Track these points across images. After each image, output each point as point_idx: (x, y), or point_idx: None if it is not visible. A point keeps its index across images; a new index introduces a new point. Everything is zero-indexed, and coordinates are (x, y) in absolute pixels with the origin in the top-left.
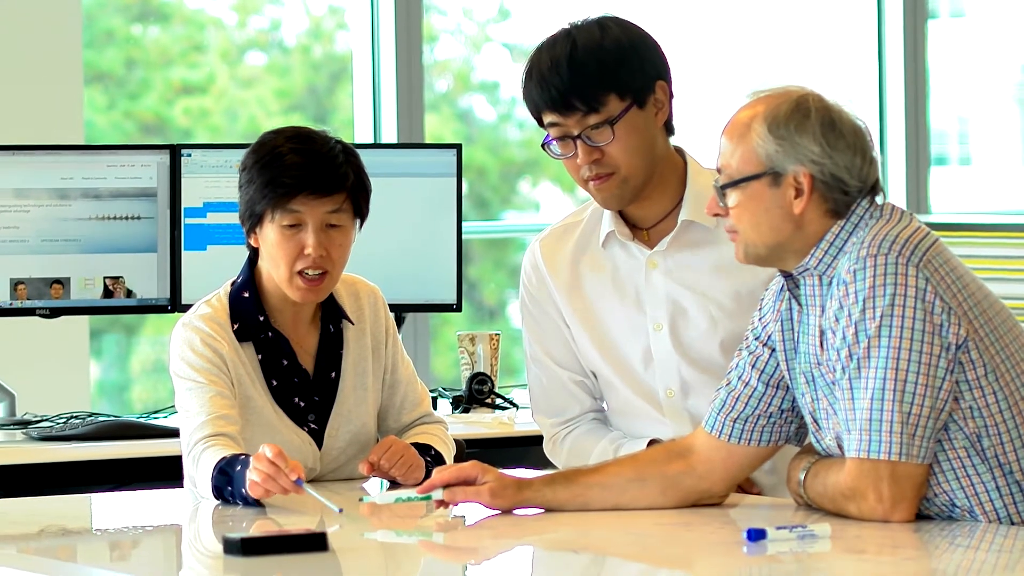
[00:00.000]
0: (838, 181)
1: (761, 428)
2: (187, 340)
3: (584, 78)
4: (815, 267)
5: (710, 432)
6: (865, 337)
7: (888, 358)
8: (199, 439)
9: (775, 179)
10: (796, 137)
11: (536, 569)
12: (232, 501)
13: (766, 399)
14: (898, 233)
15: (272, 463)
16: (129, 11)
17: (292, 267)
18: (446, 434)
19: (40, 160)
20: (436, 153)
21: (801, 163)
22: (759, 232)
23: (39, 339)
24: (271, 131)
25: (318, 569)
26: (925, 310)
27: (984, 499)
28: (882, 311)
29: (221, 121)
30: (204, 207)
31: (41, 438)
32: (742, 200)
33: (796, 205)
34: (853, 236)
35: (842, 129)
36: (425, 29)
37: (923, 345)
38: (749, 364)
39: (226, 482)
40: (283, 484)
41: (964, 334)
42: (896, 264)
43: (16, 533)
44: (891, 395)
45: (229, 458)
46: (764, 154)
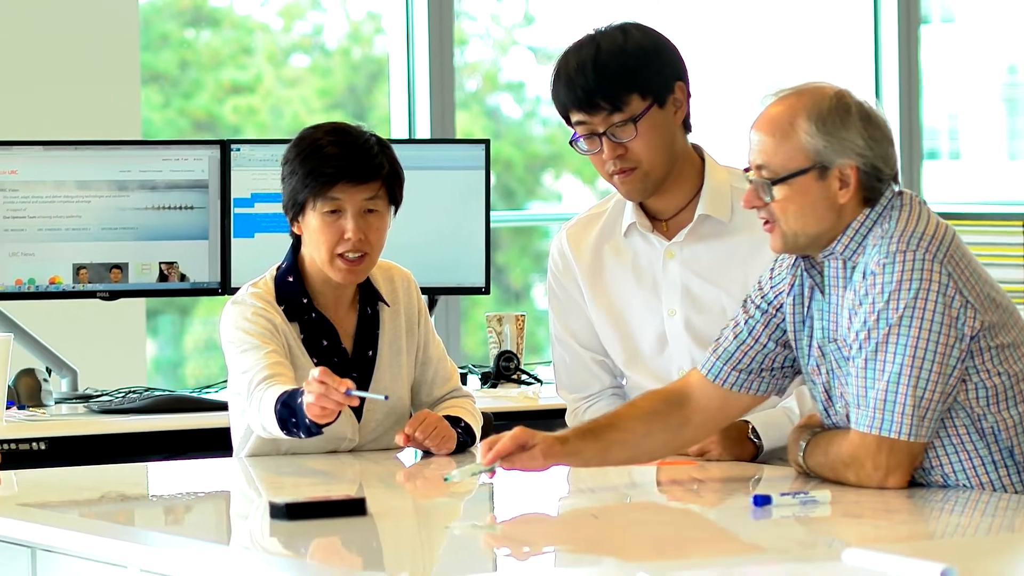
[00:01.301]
0: (877, 171)
1: (762, 380)
2: (240, 313)
3: (609, 79)
4: (841, 252)
5: (713, 380)
6: (887, 324)
7: (907, 346)
8: (259, 381)
9: (822, 172)
10: (842, 132)
11: (556, 532)
12: (296, 432)
13: (771, 355)
14: (924, 229)
15: (321, 382)
16: (183, 16)
17: (333, 251)
18: (474, 407)
19: (101, 154)
20: (466, 148)
21: (847, 156)
22: (804, 223)
23: (99, 320)
24: (310, 127)
25: (356, 531)
26: (945, 304)
27: (980, 472)
28: (906, 303)
29: (267, 118)
30: (252, 198)
31: (101, 411)
32: (789, 194)
33: (842, 196)
34: (877, 226)
35: (877, 121)
36: (456, 33)
37: (940, 336)
38: (762, 323)
39: (289, 414)
40: (335, 398)
41: (978, 326)
42: (923, 260)
43: (79, 499)
44: (907, 380)
45: (291, 391)
46: (813, 149)
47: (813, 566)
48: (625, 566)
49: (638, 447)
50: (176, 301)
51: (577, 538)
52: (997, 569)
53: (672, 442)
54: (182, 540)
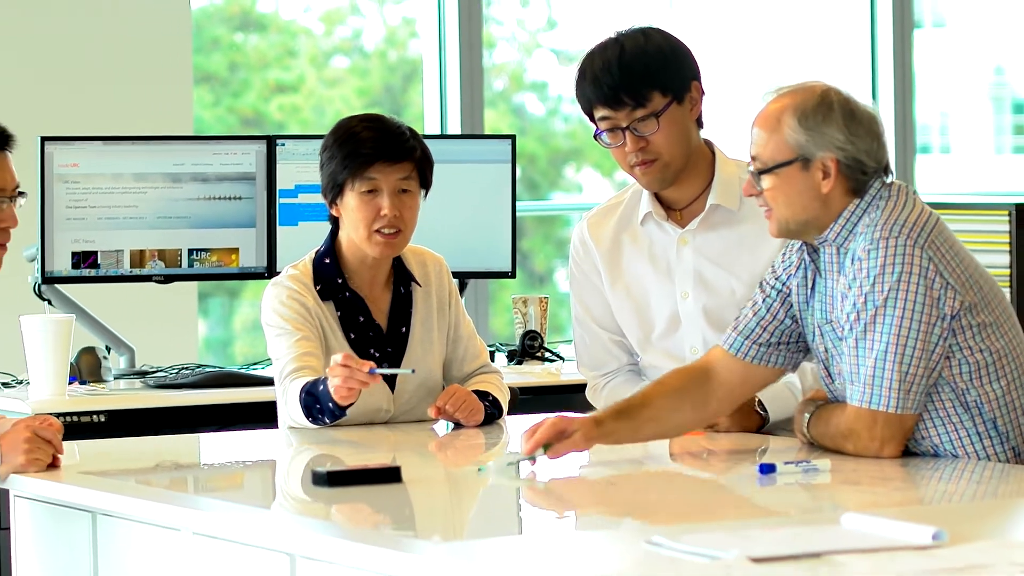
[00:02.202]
0: (859, 163)
1: (779, 353)
2: (276, 295)
3: (633, 77)
4: (833, 239)
5: (735, 354)
6: (873, 306)
7: (892, 325)
8: (286, 374)
9: (805, 164)
10: (823, 127)
11: (576, 498)
12: (322, 419)
13: (788, 330)
14: (907, 217)
15: (344, 365)
16: (232, 21)
17: (371, 227)
18: (502, 382)
19: (156, 149)
20: (494, 143)
21: (828, 149)
22: (792, 210)
23: (155, 302)
24: (345, 117)
25: (392, 497)
26: (927, 286)
27: (966, 443)
28: (890, 285)
29: (310, 116)
30: (296, 189)
31: (156, 386)
32: (776, 183)
33: (824, 186)
34: (866, 215)
35: (860, 118)
36: (484, 37)
37: (922, 316)
38: (778, 301)
39: (313, 401)
40: (360, 378)
41: (958, 305)
42: (905, 246)
43: (135, 467)
44: (892, 357)
45: (312, 380)
46: (795, 143)
47: (814, 529)
48: (641, 529)
49: (667, 423)
50: (225, 284)
51: (596, 504)
52: (983, 531)
53: (698, 416)
54: (231, 505)
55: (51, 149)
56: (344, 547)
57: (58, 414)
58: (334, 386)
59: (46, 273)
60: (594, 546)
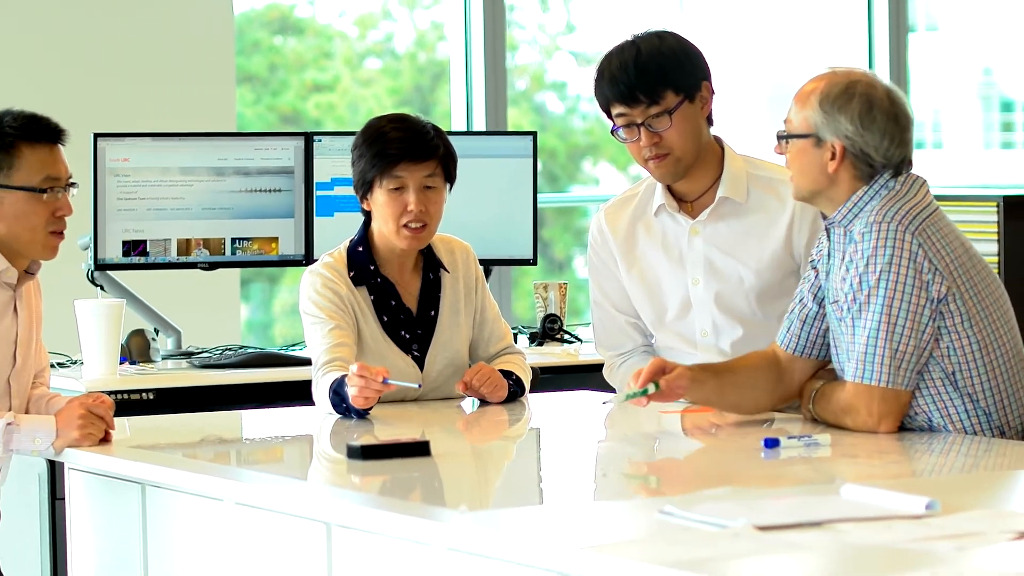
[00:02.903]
0: (865, 155)
1: (824, 345)
2: (311, 283)
3: (647, 77)
4: (840, 221)
5: (785, 349)
6: (866, 287)
7: (883, 305)
8: (319, 366)
9: (817, 142)
10: (837, 115)
11: (599, 467)
12: (348, 415)
13: (819, 318)
14: (903, 205)
15: (360, 376)
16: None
17: (399, 222)
18: (524, 362)
19: (201, 144)
20: (516, 139)
21: (837, 135)
22: (804, 178)
23: (200, 287)
24: (375, 117)
25: (422, 470)
26: (916, 269)
27: (956, 419)
28: (881, 267)
29: (345, 114)
30: (332, 182)
31: (201, 366)
32: (794, 151)
33: (830, 166)
34: (869, 204)
35: (876, 115)
36: (508, 40)
37: (912, 296)
38: (807, 288)
39: (339, 401)
40: (374, 387)
41: (945, 290)
42: (896, 231)
43: (182, 442)
44: (884, 335)
45: (340, 379)
46: (813, 122)
47: (816, 499)
48: (654, 499)
49: (744, 395)
50: (266, 271)
51: (612, 475)
52: (972, 501)
53: (769, 397)
54: (271, 477)
55: (103, 144)
56: (377, 516)
57: (110, 392)
58: (352, 395)
59: (98, 260)
60: (610, 515)
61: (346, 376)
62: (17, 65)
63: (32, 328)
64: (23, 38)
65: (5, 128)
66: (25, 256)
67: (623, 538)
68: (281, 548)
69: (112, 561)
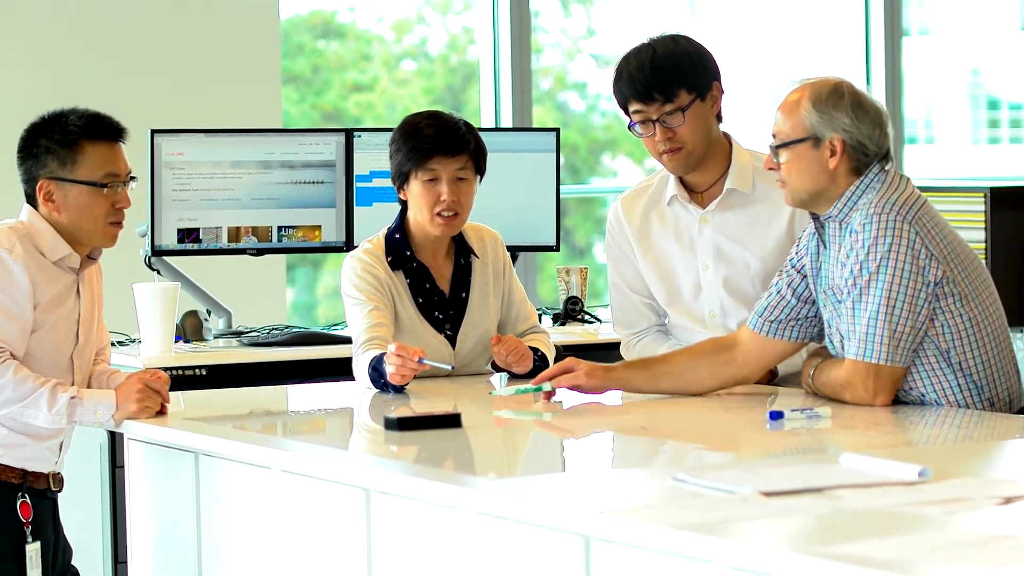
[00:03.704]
0: (862, 146)
1: (790, 328)
2: (352, 268)
3: (663, 76)
4: (836, 215)
5: (753, 329)
6: (867, 272)
7: (883, 289)
8: (359, 344)
9: (816, 143)
10: (833, 112)
11: (616, 439)
12: (385, 390)
13: (795, 308)
14: (898, 197)
15: (397, 355)
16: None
17: (432, 211)
18: (549, 341)
19: (250, 140)
20: (541, 135)
21: (836, 131)
22: (803, 182)
23: (249, 271)
24: (411, 114)
25: (454, 440)
26: (913, 256)
27: (948, 394)
28: (881, 254)
29: (383, 112)
30: (370, 174)
31: (250, 344)
32: (791, 157)
33: (831, 162)
34: (864, 196)
35: (866, 108)
36: (533, 43)
37: (909, 280)
38: (786, 284)
39: (378, 377)
40: (411, 366)
41: (940, 274)
42: (895, 221)
43: (232, 414)
44: (884, 316)
45: (379, 356)
46: (809, 124)
47: (817, 467)
48: (667, 467)
49: (684, 379)
50: (310, 257)
51: (628, 446)
52: (962, 469)
53: (717, 377)
54: (314, 447)
55: (160, 140)
56: (412, 483)
57: (165, 368)
58: (389, 373)
59: (155, 247)
60: (627, 482)
61: (384, 354)
62: (81, 67)
63: (94, 309)
64: (87, 43)
65: (69, 126)
66: (87, 244)
67: (639, 503)
68: (323, 512)
69: (168, 524)
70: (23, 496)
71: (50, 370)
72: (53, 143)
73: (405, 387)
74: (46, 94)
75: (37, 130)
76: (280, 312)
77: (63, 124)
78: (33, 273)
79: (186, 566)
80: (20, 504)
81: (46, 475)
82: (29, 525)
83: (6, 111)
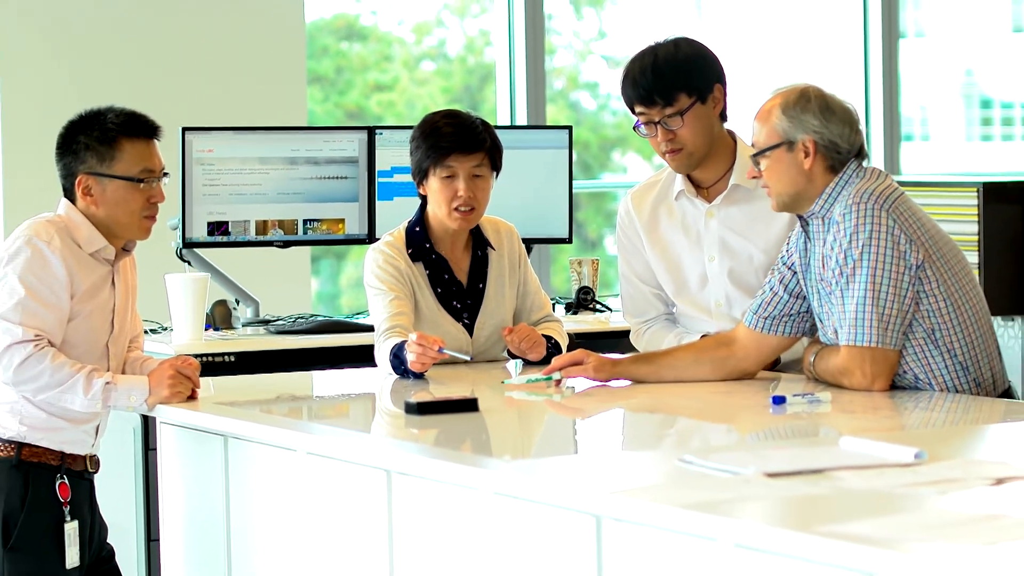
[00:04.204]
0: (834, 144)
1: (784, 324)
2: (374, 259)
3: (663, 81)
4: (819, 211)
5: (748, 326)
6: (851, 260)
7: (867, 275)
8: (381, 332)
9: (790, 146)
10: (802, 115)
11: (625, 422)
12: (405, 376)
13: (788, 304)
14: (875, 188)
15: (419, 344)
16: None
17: (450, 206)
18: (562, 329)
19: (277, 137)
20: (554, 132)
21: (806, 133)
22: (783, 185)
23: (276, 262)
24: (430, 113)
25: (471, 424)
26: (893, 242)
27: (938, 375)
28: (863, 242)
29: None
30: (391, 170)
31: (277, 332)
32: (770, 164)
33: (806, 163)
34: (844, 191)
35: (833, 108)
36: (547, 45)
37: (892, 265)
38: (778, 281)
39: (398, 364)
40: (431, 355)
41: (921, 258)
42: (873, 210)
43: (259, 398)
44: (870, 301)
45: (399, 344)
46: (781, 130)
47: (818, 449)
48: (674, 450)
49: (686, 371)
50: (334, 249)
51: (637, 431)
52: (956, 451)
53: (717, 370)
54: (338, 430)
55: (191, 138)
56: (431, 464)
57: (196, 355)
58: (410, 361)
59: (186, 239)
60: (636, 463)
61: (405, 342)
62: (117, 68)
63: (128, 299)
64: (122, 45)
65: (108, 124)
66: (122, 236)
67: (648, 483)
68: (347, 493)
69: (198, 504)
70: (62, 477)
71: (86, 357)
72: (92, 140)
73: (424, 373)
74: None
75: (76, 127)
76: (305, 301)
77: (102, 122)
78: (70, 264)
79: (216, 543)
80: (59, 485)
81: (83, 457)
82: (68, 505)
83: (45, 111)
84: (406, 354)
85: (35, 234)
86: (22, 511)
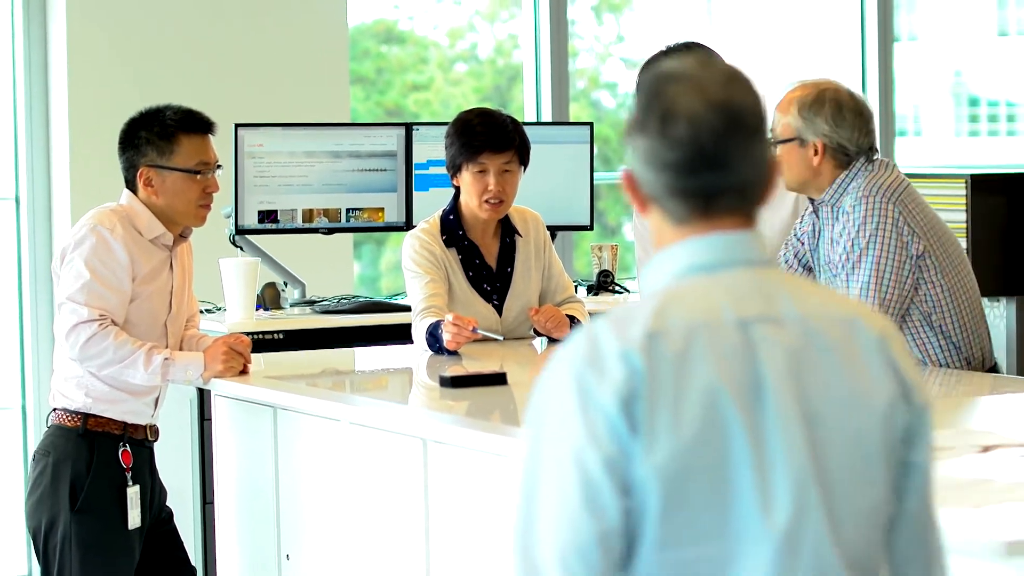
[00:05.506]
0: (842, 147)
1: None
2: (411, 245)
3: None
4: (828, 200)
5: None
6: (858, 248)
7: (872, 263)
8: (417, 312)
9: (801, 143)
10: (814, 118)
11: None
12: (440, 353)
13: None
14: (883, 181)
15: (454, 324)
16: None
17: (481, 198)
18: (584, 309)
19: (322, 133)
20: (577, 129)
21: (816, 135)
22: (792, 174)
23: (321, 248)
24: (464, 111)
25: (500, 396)
26: (898, 233)
27: (932, 353)
28: (870, 232)
29: (438, 108)
30: (427, 163)
31: (322, 311)
32: (782, 153)
33: (815, 161)
34: (854, 182)
35: (845, 114)
36: (570, 48)
37: (895, 254)
38: (793, 254)
39: (433, 341)
40: (465, 335)
41: (922, 248)
42: (880, 202)
43: (305, 373)
44: (873, 285)
45: (435, 323)
46: (795, 127)
47: None
48: None
49: None
50: (374, 235)
51: None
52: (946, 422)
53: None
54: (378, 401)
55: (243, 133)
56: (464, 433)
57: (247, 333)
58: (446, 340)
59: (238, 226)
60: None
61: (441, 321)
62: (175, 69)
63: (185, 281)
64: (181, 48)
65: (167, 120)
66: (179, 224)
67: None
68: (386, 459)
69: (249, 470)
70: (124, 445)
71: (146, 335)
72: (152, 135)
73: (457, 353)
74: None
75: (137, 124)
76: (348, 284)
77: (161, 118)
78: (131, 250)
79: (266, 506)
80: (122, 452)
81: (144, 427)
82: (130, 471)
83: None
84: (442, 333)
85: (99, 222)
86: (88, 476)
